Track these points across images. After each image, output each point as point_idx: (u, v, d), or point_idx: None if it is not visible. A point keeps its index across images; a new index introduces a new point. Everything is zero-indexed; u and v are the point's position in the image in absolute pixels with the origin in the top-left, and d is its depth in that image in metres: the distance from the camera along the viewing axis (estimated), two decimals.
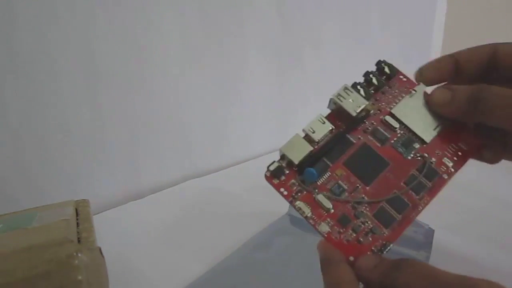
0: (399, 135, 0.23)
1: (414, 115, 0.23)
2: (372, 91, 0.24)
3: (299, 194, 0.22)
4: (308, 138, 0.23)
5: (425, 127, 0.23)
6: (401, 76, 0.25)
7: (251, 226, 0.44)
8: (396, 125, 0.23)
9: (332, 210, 0.21)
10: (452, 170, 0.22)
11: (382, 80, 0.24)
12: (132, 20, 0.52)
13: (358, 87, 0.23)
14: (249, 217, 0.47)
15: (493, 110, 0.20)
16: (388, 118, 0.23)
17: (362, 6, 0.79)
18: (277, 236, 0.41)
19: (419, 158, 0.22)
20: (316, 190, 0.22)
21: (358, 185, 0.22)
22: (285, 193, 0.22)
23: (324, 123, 0.23)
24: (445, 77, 0.24)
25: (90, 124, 0.52)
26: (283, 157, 0.22)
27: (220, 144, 0.66)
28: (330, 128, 0.23)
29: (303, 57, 0.72)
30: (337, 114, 0.23)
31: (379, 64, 0.25)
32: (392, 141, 0.23)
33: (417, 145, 0.23)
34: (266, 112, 0.70)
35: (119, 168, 0.56)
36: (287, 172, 0.22)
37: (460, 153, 0.22)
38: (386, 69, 0.24)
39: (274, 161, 0.23)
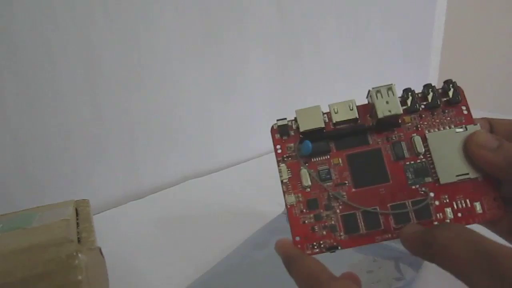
0: (418, 161, 0.21)
1: (447, 151, 0.21)
2: (423, 106, 0.22)
3: (289, 158, 0.22)
4: (328, 115, 0.22)
5: (449, 168, 0.20)
6: (464, 107, 0.21)
7: (250, 226, 0.44)
8: (421, 150, 0.21)
9: (308, 190, 0.21)
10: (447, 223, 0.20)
11: (438, 101, 0.21)
12: (132, 20, 0.52)
13: (409, 94, 0.22)
14: (248, 217, 0.47)
15: None
16: (417, 140, 0.21)
17: (362, 6, 0.79)
18: (275, 235, 0.41)
19: (422, 192, 0.20)
20: (307, 165, 0.21)
21: (346, 182, 0.21)
22: (279, 151, 0.22)
23: (351, 109, 0.21)
24: None
25: (90, 124, 0.52)
26: (295, 119, 0.22)
27: (219, 144, 0.66)
28: (355, 117, 0.21)
29: (303, 57, 0.72)
30: (370, 108, 0.22)
31: (446, 83, 0.22)
32: (407, 163, 0.21)
33: (428, 180, 0.21)
34: (265, 111, 0.70)
35: (119, 168, 0.56)
36: (292, 134, 0.22)
37: (468, 213, 0.20)
38: (450, 93, 0.21)
39: (285, 118, 0.22)
